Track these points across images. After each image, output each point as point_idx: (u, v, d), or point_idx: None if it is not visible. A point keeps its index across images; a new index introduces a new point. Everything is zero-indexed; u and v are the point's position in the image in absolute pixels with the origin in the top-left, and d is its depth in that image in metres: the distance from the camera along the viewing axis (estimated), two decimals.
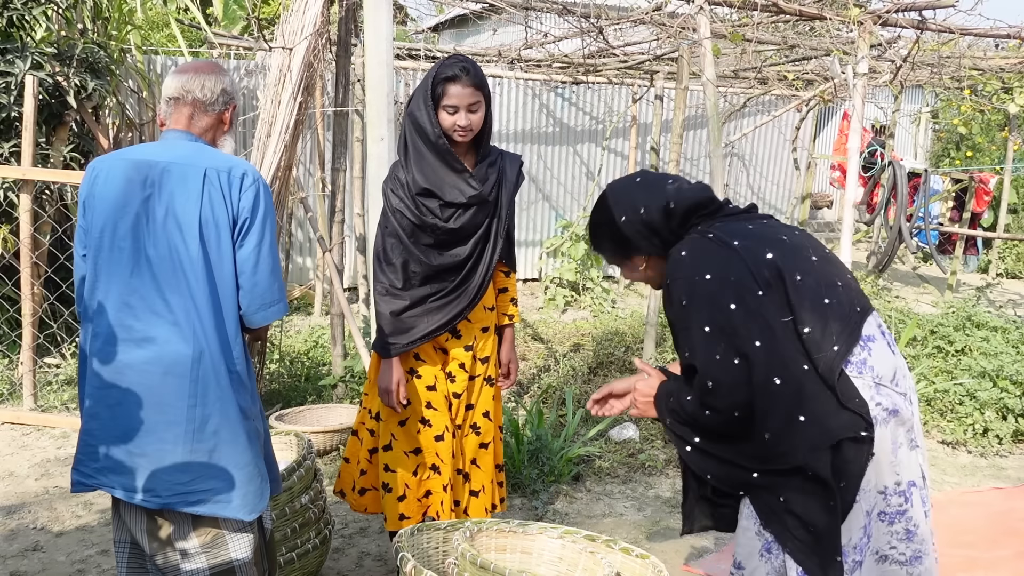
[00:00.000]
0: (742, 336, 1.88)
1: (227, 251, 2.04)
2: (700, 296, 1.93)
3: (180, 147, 2.10)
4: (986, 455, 4.92)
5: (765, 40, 6.42)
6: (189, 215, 2.01)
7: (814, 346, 1.91)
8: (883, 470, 1.95)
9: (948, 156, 13.60)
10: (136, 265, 2.02)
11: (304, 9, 4.41)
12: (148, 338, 2.02)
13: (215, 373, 2.03)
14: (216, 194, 2.02)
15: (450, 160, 2.76)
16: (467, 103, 2.70)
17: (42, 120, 5.21)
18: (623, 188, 2.16)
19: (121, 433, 2.03)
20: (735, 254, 1.95)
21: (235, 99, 2.24)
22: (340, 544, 3.52)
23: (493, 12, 6.75)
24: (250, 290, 2.07)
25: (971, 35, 5.21)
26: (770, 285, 1.92)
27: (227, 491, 2.06)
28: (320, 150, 6.90)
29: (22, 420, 4.71)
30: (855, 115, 4.65)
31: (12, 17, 5.21)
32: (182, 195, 2.02)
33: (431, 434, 2.88)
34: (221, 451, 2.06)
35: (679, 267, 1.98)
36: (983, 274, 10.89)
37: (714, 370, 1.89)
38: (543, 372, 5.74)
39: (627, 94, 9.42)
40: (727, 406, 1.89)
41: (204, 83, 2.14)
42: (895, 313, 7.09)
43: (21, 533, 3.53)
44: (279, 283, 2.13)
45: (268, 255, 2.08)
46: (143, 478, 2.03)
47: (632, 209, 2.09)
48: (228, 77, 2.22)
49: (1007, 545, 3.74)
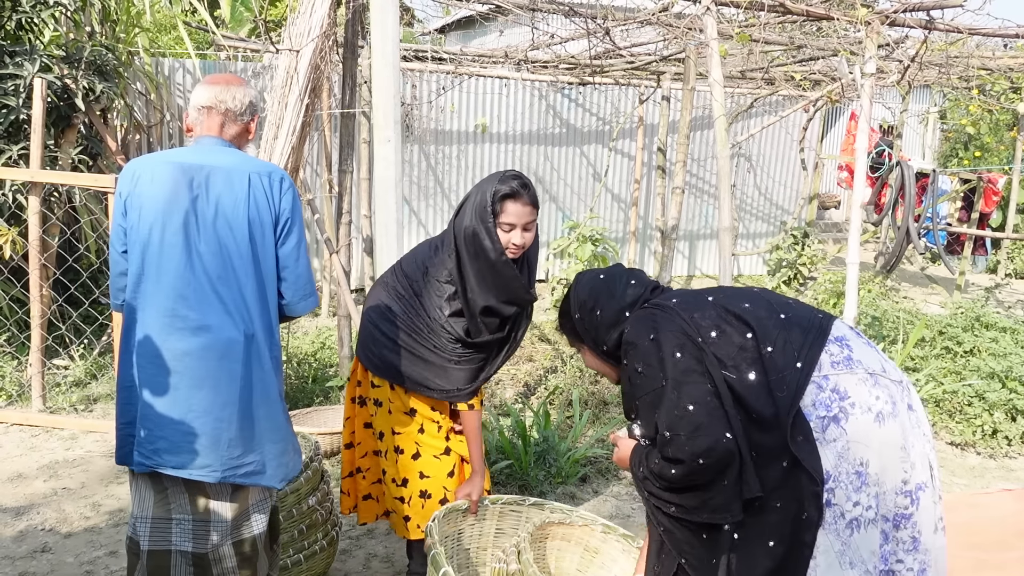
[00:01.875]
0: (692, 382, 1.90)
1: (270, 247, 2.28)
2: (649, 357, 1.97)
3: (219, 152, 2.30)
4: (995, 456, 4.90)
5: (772, 40, 6.41)
6: (238, 215, 2.23)
7: (773, 369, 1.90)
8: (892, 468, 1.90)
9: (956, 156, 13.55)
10: (188, 259, 2.20)
11: (311, 11, 4.42)
12: (204, 326, 2.20)
13: (259, 357, 2.26)
14: (260, 196, 2.25)
15: (514, 283, 2.70)
16: (524, 222, 2.65)
17: (50, 122, 5.23)
18: (587, 285, 2.23)
19: (181, 415, 2.21)
20: (672, 311, 2.02)
21: (259, 111, 2.44)
22: (347, 546, 3.52)
23: (500, 13, 6.75)
24: (293, 282, 2.32)
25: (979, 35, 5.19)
26: (718, 327, 1.97)
27: (266, 463, 2.30)
28: (327, 152, 6.91)
29: (31, 422, 4.73)
30: (863, 115, 4.63)
31: (21, 20, 5.23)
32: (229, 197, 2.23)
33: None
34: (264, 426, 2.29)
35: (627, 343, 2.04)
36: (992, 274, 10.84)
37: (671, 420, 1.88)
38: (550, 373, 5.74)
39: (634, 95, 9.42)
40: (688, 454, 1.85)
41: (235, 95, 2.34)
42: (903, 314, 7.07)
43: (30, 534, 3.54)
44: (311, 276, 2.39)
45: (305, 251, 2.34)
46: (202, 455, 2.21)
47: (589, 309, 2.20)
48: (254, 91, 2.43)
49: (1016, 547, 3.72)
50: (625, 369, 2.05)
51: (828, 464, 1.88)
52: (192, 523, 2.28)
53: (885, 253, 9.35)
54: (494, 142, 8.92)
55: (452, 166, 8.76)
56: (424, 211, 8.70)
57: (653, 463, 1.95)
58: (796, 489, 1.88)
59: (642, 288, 2.18)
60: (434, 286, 2.76)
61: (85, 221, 5.36)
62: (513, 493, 3.92)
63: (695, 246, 10.30)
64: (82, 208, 5.32)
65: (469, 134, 8.78)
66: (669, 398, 1.90)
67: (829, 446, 1.88)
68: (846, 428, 1.89)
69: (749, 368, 1.91)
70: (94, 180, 4.66)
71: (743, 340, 1.95)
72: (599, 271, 2.24)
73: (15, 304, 5.34)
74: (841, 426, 1.88)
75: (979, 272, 10.85)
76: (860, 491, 1.89)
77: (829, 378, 1.92)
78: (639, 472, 2.02)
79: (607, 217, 9.66)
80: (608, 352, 2.18)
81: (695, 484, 1.90)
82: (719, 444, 1.83)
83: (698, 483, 1.89)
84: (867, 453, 1.89)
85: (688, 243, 10.24)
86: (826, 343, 1.96)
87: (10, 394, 4.99)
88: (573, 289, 2.25)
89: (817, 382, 1.90)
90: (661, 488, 1.97)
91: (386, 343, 2.82)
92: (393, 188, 3.93)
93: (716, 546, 1.93)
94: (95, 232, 5.47)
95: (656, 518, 2.04)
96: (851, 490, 1.88)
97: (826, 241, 11.78)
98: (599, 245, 8.86)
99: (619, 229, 9.78)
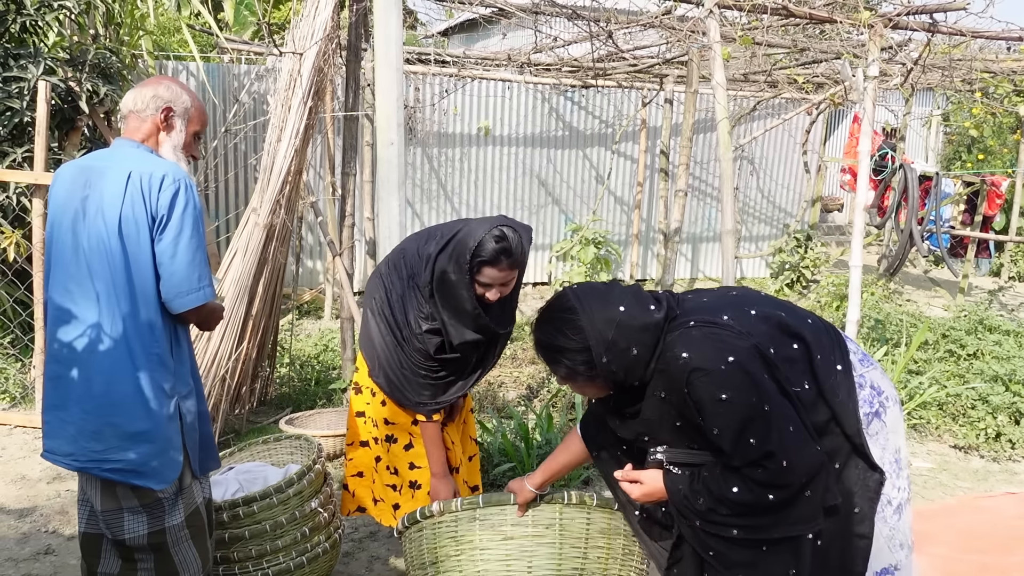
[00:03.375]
0: (782, 403, 1.83)
1: (145, 245, 2.25)
2: (734, 381, 1.81)
3: (120, 153, 2.36)
4: (999, 460, 4.89)
5: (775, 43, 6.41)
6: (113, 212, 2.24)
7: (824, 377, 1.93)
8: (906, 450, 2.05)
9: (959, 159, 13.53)
10: (75, 255, 2.27)
11: (314, 14, 4.43)
12: (79, 319, 2.27)
13: (131, 353, 2.25)
14: (136, 194, 2.24)
15: (487, 329, 2.74)
16: (501, 283, 2.64)
17: (54, 125, 5.24)
18: (606, 320, 1.94)
19: (58, 403, 2.30)
20: (730, 329, 1.89)
21: (171, 103, 2.40)
22: (350, 548, 3.52)
23: (503, 16, 6.76)
24: (168, 279, 2.27)
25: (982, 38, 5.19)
26: (773, 337, 1.92)
27: (140, 463, 2.27)
28: (330, 154, 6.92)
29: (34, 423, 4.73)
30: (866, 118, 4.63)
31: (25, 23, 5.24)
32: (108, 194, 2.25)
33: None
34: (136, 425, 2.26)
35: (694, 369, 1.84)
36: (995, 277, 10.82)
37: (775, 445, 1.78)
38: (552, 376, 5.73)
39: (636, 98, 9.42)
40: (797, 477, 1.78)
41: (136, 95, 2.39)
42: (906, 317, 7.06)
43: (33, 536, 3.54)
44: (200, 272, 2.31)
45: (186, 248, 2.27)
46: (69, 443, 2.29)
47: (623, 349, 1.93)
48: (165, 85, 2.42)
49: (1019, 551, 3.71)
50: (696, 393, 1.85)
51: (875, 458, 1.96)
52: (81, 505, 2.42)
53: (888, 256, 9.34)
54: (497, 145, 8.93)
55: (455, 169, 8.76)
56: (427, 213, 8.70)
57: (728, 491, 1.83)
58: (847, 488, 1.94)
59: (664, 307, 1.98)
60: (418, 296, 2.76)
61: None
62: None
63: (698, 249, 10.30)
64: None
65: (472, 137, 8.79)
66: (774, 424, 1.79)
67: (874, 439, 1.97)
68: (886, 421, 1.98)
69: (801, 379, 1.90)
70: None
71: (791, 351, 1.92)
72: (613, 301, 1.97)
73: (19, 306, 5.35)
74: (882, 419, 1.98)
75: (982, 275, 10.84)
76: (899, 477, 2.00)
77: (865, 376, 1.99)
78: (696, 503, 1.89)
79: (610, 220, 9.66)
80: (626, 383, 1.97)
81: (781, 505, 1.83)
82: (818, 458, 1.81)
83: (786, 502, 1.82)
84: (898, 441, 2.02)
85: (691, 246, 10.24)
86: (845, 342, 2.03)
87: (14, 396, 5.00)
88: (588, 329, 1.94)
89: (858, 382, 1.97)
90: (731, 514, 1.86)
91: (373, 337, 2.87)
92: (396, 191, 3.93)
93: (788, 557, 1.88)
94: None
95: (706, 544, 1.93)
96: (894, 477, 1.98)
97: (829, 244, 11.78)
98: (602, 248, 8.87)
99: (622, 232, 9.78)
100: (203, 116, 2.50)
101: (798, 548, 1.87)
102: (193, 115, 2.45)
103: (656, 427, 1.97)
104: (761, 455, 1.78)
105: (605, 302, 1.97)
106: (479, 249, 2.56)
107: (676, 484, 1.94)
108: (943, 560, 3.53)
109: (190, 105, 2.44)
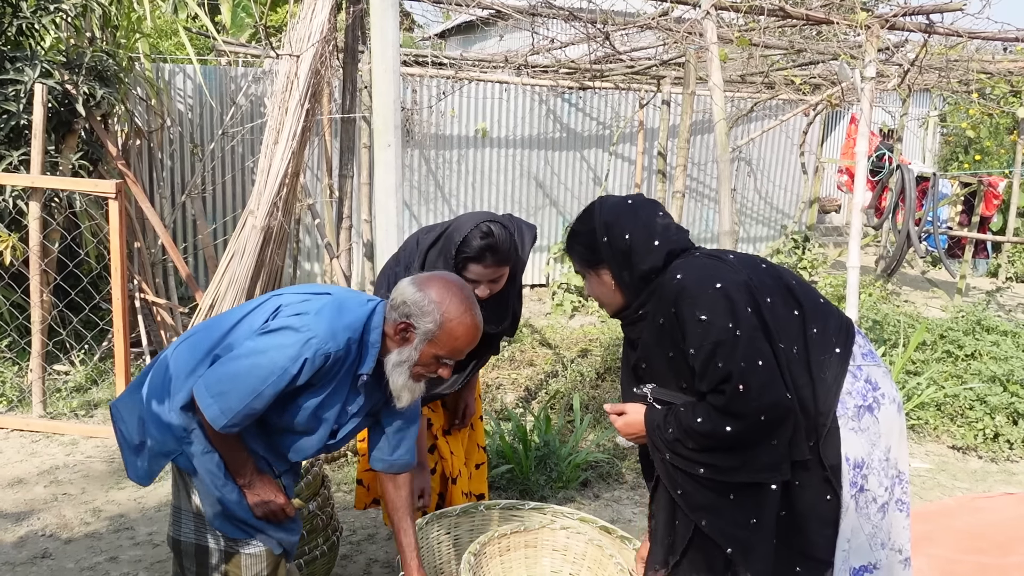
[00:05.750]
0: (760, 338, 1.88)
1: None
2: (716, 305, 1.88)
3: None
4: (997, 460, 4.89)
5: (772, 45, 6.41)
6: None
7: (816, 350, 1.94)
8: (903, 455, 2.05)
9: (956, 160, 13.55)
10: None
11: (311, 16, 4.43)
12: None
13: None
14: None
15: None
16: (490, 279, 2.61)
17: (51, 128, 5.23)
18: (614, 209, 2.10)
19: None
20: (732, 265, 1.97)
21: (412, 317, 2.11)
22: (348, 551, 3.52)
23: (500, 18, 6.76)
24: None
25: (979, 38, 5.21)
26: (774, 291, 1.96)
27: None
28: (327, 156, 6.91)
29: (31, 427, 4.72)
30: (863, 119, 4.64)
31: (21, 25, 5.24)
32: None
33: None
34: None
35: (683, 288, 1.93)
36: (993, 278, 10.83)
37: (740, 373, 1.84)
38: (550, 378, 5.73)
39: (634, 99, 9.43)
40: (753, 409, 1.83)
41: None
42: (904, 318, 7.06)
43: (30, 540, 3.54)
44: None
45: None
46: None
47: (618, 234, 2.05)
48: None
49: (1018, 551, 3.71)
50: (681, 314, 1.92)
51: (862, 451, 1.96)
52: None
53: (886, 257, 9.35)
54: (494, 147, 8.93)
55: (452, 171, 8.76)
56: (425, 216, 8.70)
57: (693, 421, 1.91)
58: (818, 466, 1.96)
59: (680, 232, 2.08)
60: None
61: (85, 227, 5.36)
62: (514, 498, 3.91)
63: None
64: (82, 213, 5.31)
65: (469, 139, 8.79)
66: (741, 350, 1.85)
67: (863, 434, 1.97)
68: (878, 417, 1.99)
69: (793, 342, 1.94)
70: (94, 186, 4.65)
71: (789, 314, 1.96)
72: (625, 196, 2.14)
73: (16, 309, 5.34)
74: (875, 415, 1.99)
75: (980, 276, 10.85)
76: (887, 476, 2.01)
77: (863, 369, 2.00)
78: (666, 434, 1.97)
79: None
80: (628, 282, 2.07)
81: (741, 443, 1.88)
82: (783, 402, 1.85)
83: (746, 442, 1.88)
84: (891, 441, 2.02)
85: None
86: (855, 335, 2.04)
87: (11, 399, 4.98)
88: (596, 212, 2.10)
89: (852, 371, 1.99)
90: (696, 448, 1.93)
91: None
92: (393, 193, 3.92)
93: (750, 506, 1.93)
94: (95, 237, 5.47)
95: (674, 480, 2.00)
96: (882, 476, 1.99)
97: (827, 245, 11.78)
98: None
99: None
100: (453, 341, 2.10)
101: (761, 499, 1.92)
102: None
103: (652, 354, 2.04)
104: (721, 378, 1.86)
105: (621, 199, 2.13)
106: (464, 245, 2.54)
107: (653, 416, 2.04)
108: (942, 561, 3.53)
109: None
